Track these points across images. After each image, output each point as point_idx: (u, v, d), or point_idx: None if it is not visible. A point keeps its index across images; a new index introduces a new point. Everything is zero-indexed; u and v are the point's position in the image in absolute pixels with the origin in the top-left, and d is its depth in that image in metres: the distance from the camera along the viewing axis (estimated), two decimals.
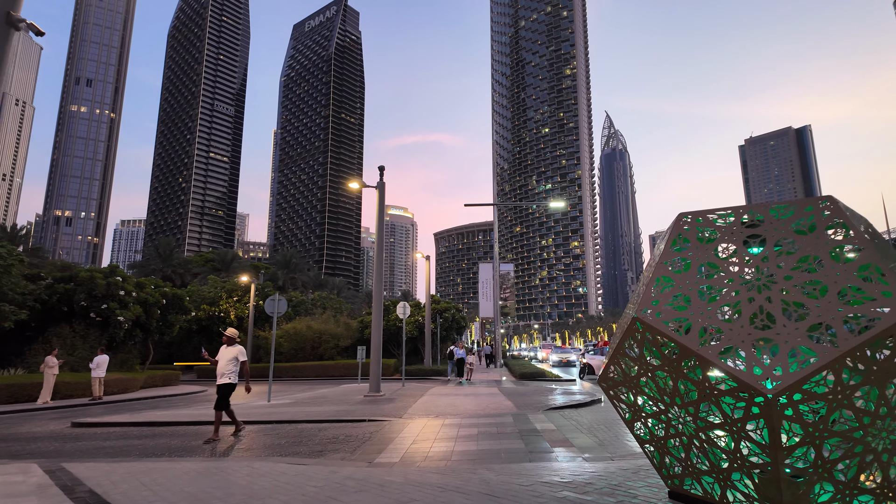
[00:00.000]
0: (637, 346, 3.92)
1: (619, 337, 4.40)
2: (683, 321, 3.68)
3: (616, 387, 4.36)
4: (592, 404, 13.20)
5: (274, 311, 15.71)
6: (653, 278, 3.96)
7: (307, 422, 11.04)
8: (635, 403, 4.21)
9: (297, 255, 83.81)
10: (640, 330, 3.80)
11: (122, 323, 23.21)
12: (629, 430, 4.44)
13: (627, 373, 4.17)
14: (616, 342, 4.29)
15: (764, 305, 3.45)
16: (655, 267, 4.02)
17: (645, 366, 3.93)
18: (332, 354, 33.74)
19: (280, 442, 8.78)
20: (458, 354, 23.67)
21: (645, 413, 4.16)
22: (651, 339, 3.74)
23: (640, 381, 4.08)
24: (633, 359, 4.02)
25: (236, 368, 9.56)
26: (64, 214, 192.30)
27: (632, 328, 3.88)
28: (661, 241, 4.47)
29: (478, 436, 8.56)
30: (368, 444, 8.15)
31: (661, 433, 4.11)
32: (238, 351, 9.65)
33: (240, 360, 9.63)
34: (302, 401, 15.62)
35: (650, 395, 4.02)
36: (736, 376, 3.25)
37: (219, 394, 9.35)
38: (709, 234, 4.01)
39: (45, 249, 57.97)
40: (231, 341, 9.70)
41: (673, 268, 4.01)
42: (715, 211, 4.07)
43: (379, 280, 17.20)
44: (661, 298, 3.83)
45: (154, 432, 10.43)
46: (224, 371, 9.48)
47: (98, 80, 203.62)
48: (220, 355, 9.64)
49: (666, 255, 4.03)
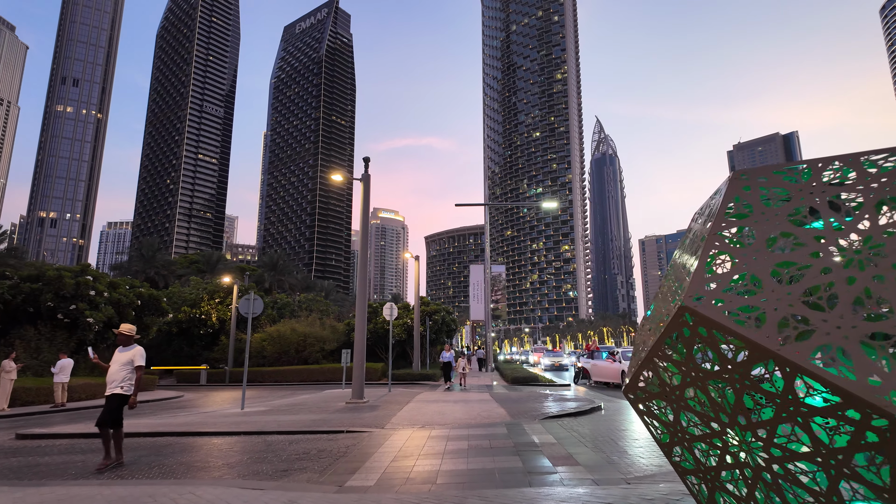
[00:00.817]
0: (685, 346, 2.89)
1: (648, 334, 3.39)
2: (753, 310, 2.67)
3: (649, 399, 3.34)
4: (592, 412, 12.18)
5: (249, 312, 14.57)
6: (703, 254, 2.93)
7: (278, 433, 9.92)
8: (676, 422, 3.18)
9: (285, 257, 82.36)
10: (690, 324, 2.77)
11: (92, 325, 21.91)
12: (665, 455, 3.41)
13: (667, 381, 3.14)
14: (649, 340, 3.28)
15: (872, 287, 2.45)
16: (707, 239, 2.99)
17: (695, 372, 2.90)
18: (318, 358, 32.55)
19: (242, 458, 7.67)
20: (445, 358, 22.31)
21: (690, 435, 3.13)
22: (707, 335, 2.72)
23: (687, 393, 3.07)
24: (676, 363, 3.00)
25: (132, 375, 7.45)
26: (49, 216, 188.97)
27: (677, 321, 2.84)
28: (706, 212, 3.47)
29: (468, 451, 7.50)
30: (342, 462, 7.07)
31: (712, 462, 3.09)
32: (135, 354, 7.54)
33: (135, 364, 7.47)
34: (278, 408, 14.48)
35: (699, 412, 3.00)
36: (842, 387, 2.24)
37: (106, 406, 7.28)
38: (781, 195, 3.00)
39: (23, 250, 56.18)
40: (127, 340, 7.64)
41: (732, 240, 3.00)
42: (782, 166, 3.07)
43: (363, 278, 16.12)
44: (719, 281, 2.81)
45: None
46: (115, 378, 7.34)
47: (85, 79, 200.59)
48: (114, 359, 7.51)
49: (720, 224, 3.01)
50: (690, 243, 3.44)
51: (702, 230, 3.29)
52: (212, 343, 35.92)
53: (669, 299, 3.23)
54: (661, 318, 3.23)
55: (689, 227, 3.82)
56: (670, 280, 3.53)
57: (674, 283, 3.35)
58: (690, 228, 3.73)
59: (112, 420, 7.26)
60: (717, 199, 3.23)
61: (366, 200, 16.33)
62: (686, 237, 3.69)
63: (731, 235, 3.00)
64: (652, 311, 3.78)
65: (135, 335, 7.83)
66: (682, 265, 3.37)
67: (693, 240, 3.40)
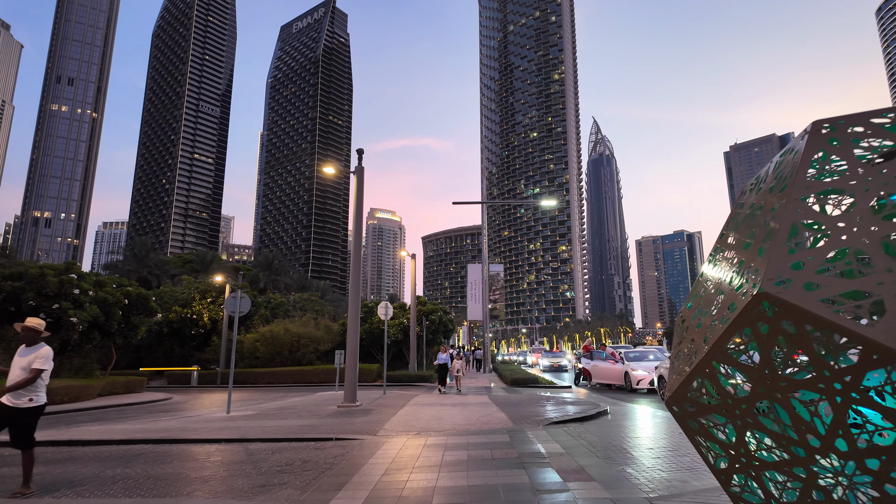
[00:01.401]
0: (760, 346, 2.18)
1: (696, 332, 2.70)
2: (863, 297, 1.99)
3: (701, 414, 2.63)
4: (598, 417, 11.49)
5: (235, 311, 13.84)
6: (783, 227, 2.23)
7: (262, 440, 9.19)
8: (740, 443, 2.48)
9: (280, 256, 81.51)
10: (769, 316, 2.07)
11: (76, 324, 21.08)
12: (720, 483, 2.70)
13: (730, 392, 2.44)
14: (698, 339, 2.59)
15: None
16: (784, 207, 2.28)
17: (772, 380, 2.20)
18: (312, 359, 31.80)
19: (217, 471, 6.94)
20: (441, 360, 21.27)
21: (760, 461, 2.43)
22: (795, 332, 2.02)
23: (759, 407, 2.37)
24: (745, 368, 2.29)
25: (42, 383, 5.84)
26: (43, 216, 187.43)
27: (750, 313, 2.14)
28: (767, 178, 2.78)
29: (468, 462, 6.79)
30: (328, 476, 6.35)
31: (790, 498, 2.39)
32: (39, 355, 5.82)
33: (33, 366, 5.73)
34: (266, 412, 13.74)
35: (776, 433, 2.30)
36: None
37: (8, 419, 5.67)
38: (886, 147, 2.31)
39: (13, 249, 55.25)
40: (33, 338, 5.93)
41: (821, 206, 2.31)
42: (882, 112, 2.36)
43: (356, 274, 15.39)
44: (809, 259, 2.10)
45: (71, 455, 8.51)
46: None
47: (80, 79, 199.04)
48: (14, 362, 5.83)
49: (802, 188, 2.30)
50: (747, 218, 2.74)
51: (766, 199, 2.58)
52: (203, 343, 35.10)
53: (726, 287, 2.53)
54: (716, 310, 2.53)
55: (738, 202, 3.12)
56: (720, 265, 2.83)
57: (727, 269, 2.65)
58: (743, 202, 3.02)
59: (18, 439, 5.70)
60: (790, 157, 2.53)
61: (359, 193, 15.61)
62: (736, 213, 2.99)
63: (818, 201, 2.30)
64: (694, 303, 3.08)
65: (44, 332, 6.09)
66: (737, 244, 2.67)
67: (752, 213, 2.70)
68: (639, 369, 19.38)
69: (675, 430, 9.23)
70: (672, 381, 2.84)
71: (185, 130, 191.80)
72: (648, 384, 18.69)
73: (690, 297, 3.26)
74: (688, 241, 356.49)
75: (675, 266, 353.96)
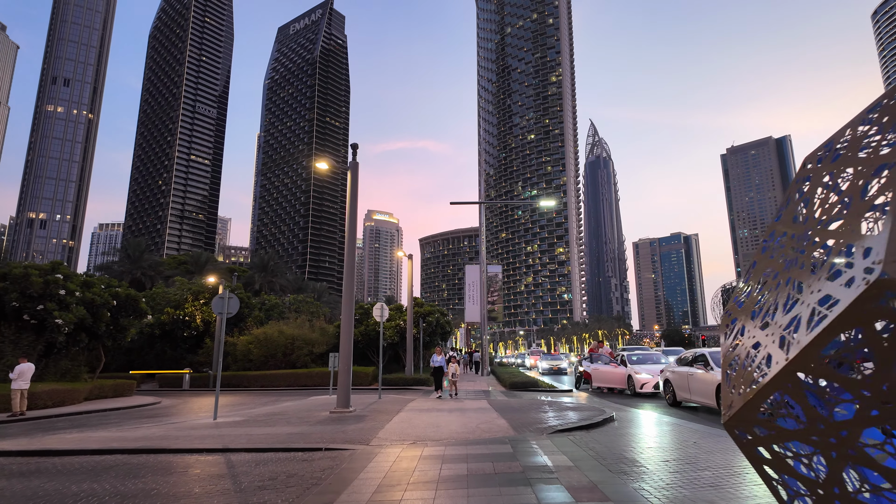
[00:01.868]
0: (879, 350, 1.59)
1: (761, 333, 2.11)
2: None
3: (780, 441, 2.04)
4: (604, 424, 10.89)
5: (223, 311, 13.22)
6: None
7: (246, 450, 8.56)
8: (834, 480, 1.88)
9: (276, 257, 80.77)
10: (894, 311, 1.49)
11: (61, 326, 20.42)
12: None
13: (820, 415, 1.85)
14: (768, 342, 2.00)
15: None
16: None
17: (893, 398, 1.61)
18: (306, 362, 31.13)
19: (193, 488, 6.32)
20: (436, 363, 20.38)
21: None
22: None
23: (866, 437, 1.78)
24: (849, 382, 1.71)
25: None
26: (38, 217, 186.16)
27: (862, 308, 1.55)
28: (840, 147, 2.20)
29: (468, 478, 6.19)
30: (313, 494, 5.73)
31: None
32: None
33: None
34: (255, 418, 13.10)
35: (891, 470, 1.71)
36: None
37: None
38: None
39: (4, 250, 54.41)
40: None
41: None
42: None
43: (350, 273, 14.77)
44: None
45: (38, 467, 7.87)
46: None
47: (76, 79, 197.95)
48: None
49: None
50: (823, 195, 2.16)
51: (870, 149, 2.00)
52: (196, 346, 34.38)
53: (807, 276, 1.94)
54: (796, 306, 1.94)
55: (797, 178, 2.53)
56: (787, 250, 2.25)
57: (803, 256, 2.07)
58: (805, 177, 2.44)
59: None
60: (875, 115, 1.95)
61: (353, 189, 15.01)
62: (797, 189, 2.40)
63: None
64: (748, 300, 2.50)
65: None
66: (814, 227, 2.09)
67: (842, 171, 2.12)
68: (643, 372, 18.85)
69: (686, 440, 8.65)
70: (731, 397, 2.25)
71: (182, 132, 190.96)
72: (652, 387, 18.22)
73: (742, 293, 2.68)
74: (685, 243, 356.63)
75: (672, 268, 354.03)
